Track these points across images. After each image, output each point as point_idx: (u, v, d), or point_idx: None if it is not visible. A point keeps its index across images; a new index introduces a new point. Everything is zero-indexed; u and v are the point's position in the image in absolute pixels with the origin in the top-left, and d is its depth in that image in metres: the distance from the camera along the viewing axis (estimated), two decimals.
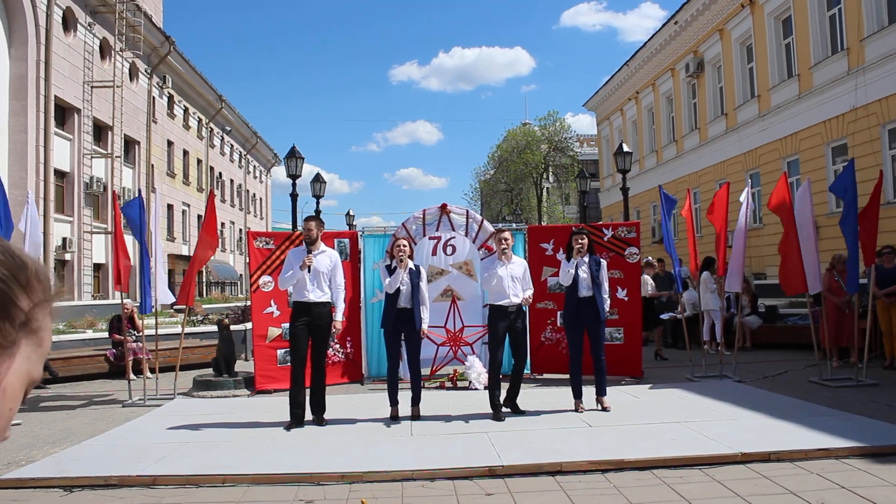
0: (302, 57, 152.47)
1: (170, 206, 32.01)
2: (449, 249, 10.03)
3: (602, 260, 7.60)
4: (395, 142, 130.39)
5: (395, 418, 7.02)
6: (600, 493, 4.65)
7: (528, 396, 7.89)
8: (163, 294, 9.27)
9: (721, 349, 10.41)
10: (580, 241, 7.28)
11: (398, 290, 7.11)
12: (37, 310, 0.78)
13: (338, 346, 9.53)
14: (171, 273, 30.04)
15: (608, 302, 7.50)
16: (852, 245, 8.50)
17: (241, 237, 43.66)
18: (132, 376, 9.46)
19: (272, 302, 9.33)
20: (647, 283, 11.48)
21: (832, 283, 9.67)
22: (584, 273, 7.24)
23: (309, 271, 6.88)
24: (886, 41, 15.18)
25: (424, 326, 7.24)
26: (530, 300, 7.39)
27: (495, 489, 4.80)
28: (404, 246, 7.29)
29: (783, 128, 19.36)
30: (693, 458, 5.24)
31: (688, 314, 11.65)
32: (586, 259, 7.30)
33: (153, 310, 9.31)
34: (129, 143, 27.48)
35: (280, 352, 9.20)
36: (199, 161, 37.22)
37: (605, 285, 7.40)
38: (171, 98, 32.42)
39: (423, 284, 7.31)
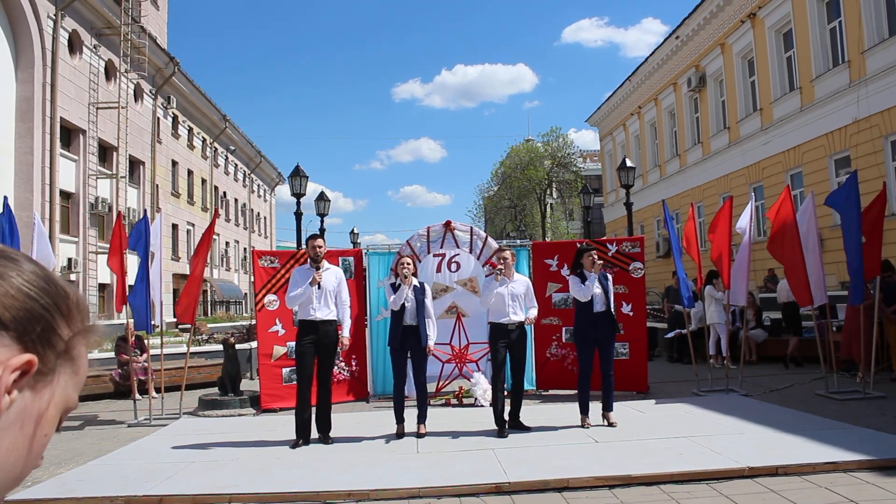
0: (305, 76, 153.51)
1: (174, 226, 32.11)
2: (453, 266, 10.04)
3: (608, 274, 7.60)
4: (398, 159, 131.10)
5: (400, 436, 7.01)
6: None
7: (534, 413, 7.88)
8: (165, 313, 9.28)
9: (727, 363, 10.37)
10: (593, 256, 7.27)
11: (403, 307, 7.12)
12: (76, 339, 0.79)
13: (343, 363, 9.52)
14: (175, 292, 30.07)
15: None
16: (854, 258, 8.48)
17: (245, 256, 43.75)
18: (138, 396, 9.46)
19: (277, 321, 9.34)
20: (785, 289, 11.53)
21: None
22: (597, 289, 7.21)
23: (318, 287, 6.89)
24: (887, 53, 15.23)
25: (431, 343, 7.23)
26: (534, 320, 7.38)
27: None
28: (408, 264, 7.31)
29: (786, 141, 19.39)
30: (700, 473, 5.22)
31: (693, 328, 11.63)
32: (597, 274, 7.29)
33: (153, 329, 9.32)
34: (134, 164, 27.63)
35: (285, 370, 9.19)
36: (203, 181, 37.36)
37: (611, 298, 7.40)
38: (175, 118, 32.62)
39: (429, 301, 7.32)
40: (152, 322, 9.08)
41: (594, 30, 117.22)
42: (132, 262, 10.29)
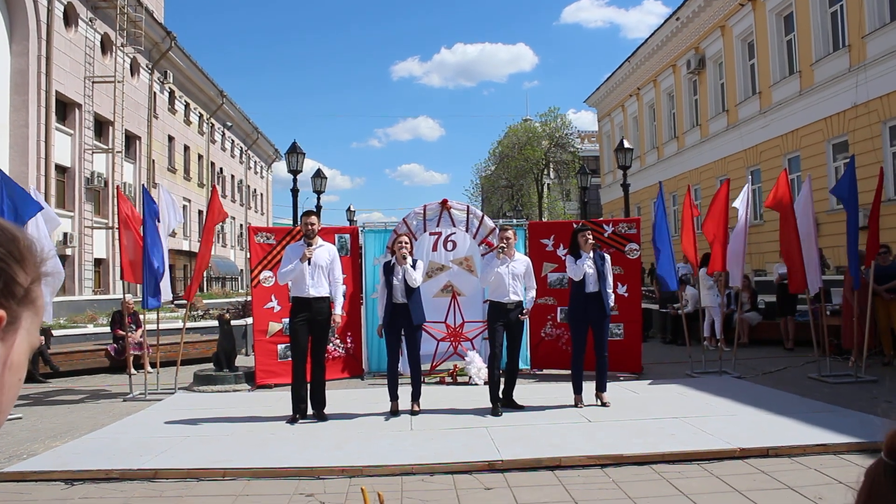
0: (303, 52, 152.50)
1: None
2: (449, 245, 10.03)
3: (606, 255, 7.58)
4: (396, 138, 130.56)
5: (395, 413, 7.04)
6: (599, 487, 4.67)
7: (528, 392, 7.91)
8: (166, 290, 9.22)
9: (721, 345, 10.41)
10: (587, 236, 7.27)
11: (393, 285, 7.09)
12: (34, 283, 0.79)
13: (338, 340, 9.54)
14: (171, 268, 30.08)
15: (612, 297, 7.45)
16: (853, 244, 8.50)
17: (241, 232, 43.65)
18: (133, 371, 9.47)
19: (273, 297, 9.34)
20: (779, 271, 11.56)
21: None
22: (590, 269, 7.22)
23: (309, 264, 6.87)
24: (888, 38, 15.17)
25: (414, 277, 7.05)
26: (532, 303, 7.35)
27: (494, 483, 4.81)
28: (406, 243, 7.22)
29: (784, 124, 19.35)
30: (692, 454, 5.25)
31: (688, 310, 11.66)
32: (591, 254, 7.30)
33: (158, 306, 9.29)
34: (130, 139, 27.49)
35: (280, 347, 9.21)
36: (199, 156, 37.21)
37: (610, 280, 7.39)
38: (172, 93, 32.39)
39: (418, 273, 7.15)
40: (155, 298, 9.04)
41: (594, 10, 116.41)
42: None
